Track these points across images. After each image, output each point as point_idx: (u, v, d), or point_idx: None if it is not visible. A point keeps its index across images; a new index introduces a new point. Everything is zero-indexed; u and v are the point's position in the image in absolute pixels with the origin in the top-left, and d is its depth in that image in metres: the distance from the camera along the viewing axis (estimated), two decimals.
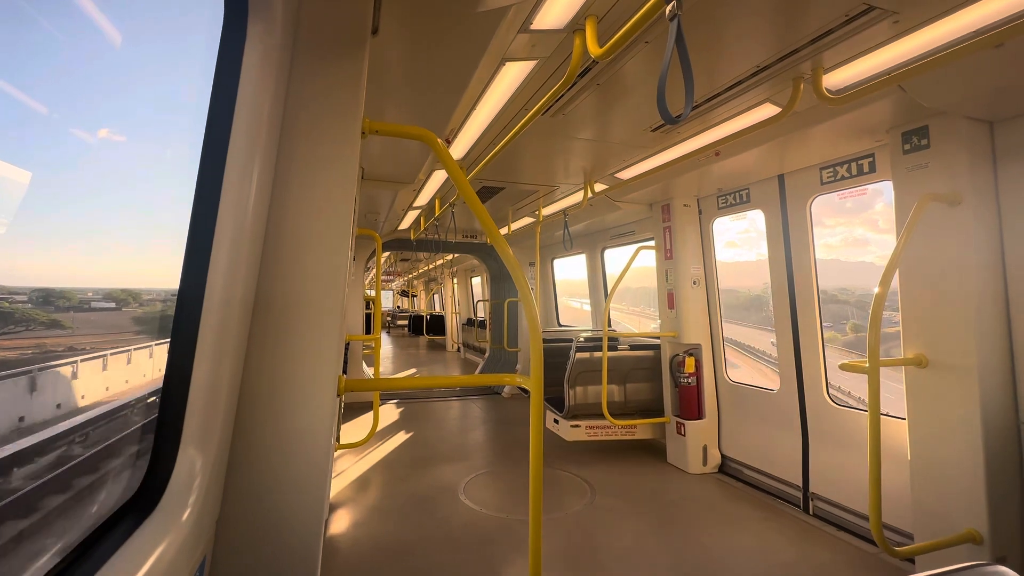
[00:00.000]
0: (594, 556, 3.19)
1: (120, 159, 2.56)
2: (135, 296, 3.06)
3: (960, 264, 2.64)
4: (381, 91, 2.68)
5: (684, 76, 1.43)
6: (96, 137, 2.21)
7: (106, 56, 1.77)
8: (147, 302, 3.06)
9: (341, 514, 3.74)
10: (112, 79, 1.90)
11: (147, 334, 3.62)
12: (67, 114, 1.83)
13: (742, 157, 3.58)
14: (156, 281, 3.01)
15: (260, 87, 1.31)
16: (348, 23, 1.53)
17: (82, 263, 2.45)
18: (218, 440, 1.26)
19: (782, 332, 4.05)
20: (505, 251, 1.68)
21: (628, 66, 2.48)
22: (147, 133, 2.22)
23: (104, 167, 2.32)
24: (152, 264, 2.47)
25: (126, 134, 2.28)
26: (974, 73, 2.27)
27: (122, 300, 3.04)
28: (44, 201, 1.57)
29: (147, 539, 0.99)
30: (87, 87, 1.92)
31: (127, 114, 2.20)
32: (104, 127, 2.23)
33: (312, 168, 1.49)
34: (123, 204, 2.42)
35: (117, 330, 3.56)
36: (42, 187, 1.48)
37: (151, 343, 4.11)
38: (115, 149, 2.39)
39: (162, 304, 3.04)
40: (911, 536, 2.89)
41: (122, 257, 2.66)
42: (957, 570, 0.71)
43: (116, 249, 2.64)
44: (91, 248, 2.51)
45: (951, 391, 2.66)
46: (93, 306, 2.89)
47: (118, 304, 3.02)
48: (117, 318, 3.10)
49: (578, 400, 5.14)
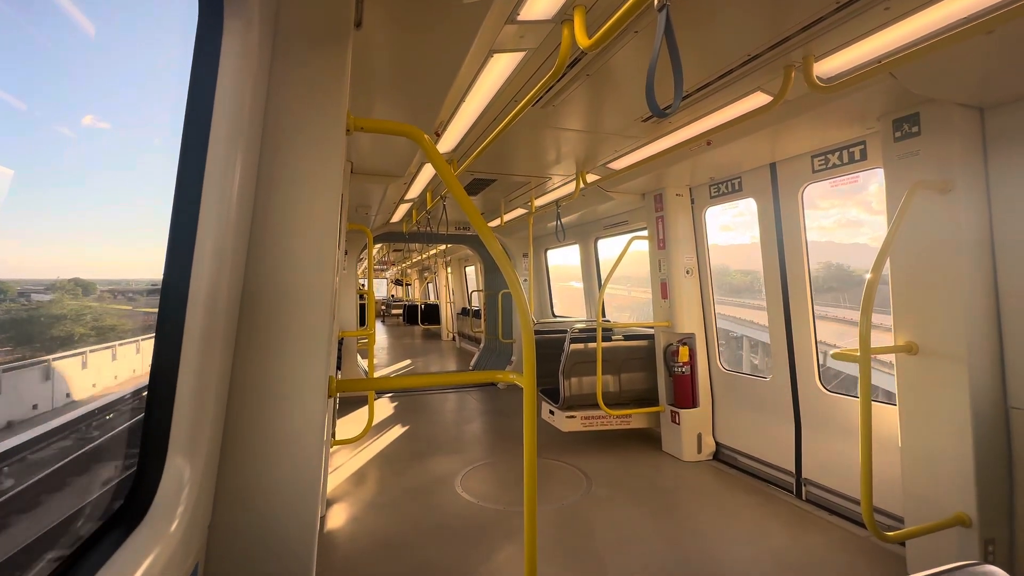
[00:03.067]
0: (591, 545, 3.22)
1: (93, 154, 2.46)
2: (88, 287, 2.77)
3: (950, 251, 2.65)
4: (368, 85, 2.64)
5: (673, 68, 1.41)
6: (73, 131, 2.14)
7: (81, 51, 1.72)
8: (101, 296, 2.78)
9: (338, 509, 3.75)
10: (88, 76, 1.85)
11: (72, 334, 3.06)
12: (39, 113, 1.78)
13: (734, 146, 3.56)
14: (119, 272, 2.76)
15: (240, 84, 1.27)
16: (330, 17, 1.50)
17: (33, 253, 2.19)
18: (207, 447, 1.24)
19: (774, 320, 4.07)
20: (492, 245, 1.66)
21: (618, 56, 2.45)
22: (124, 133, 2.16)
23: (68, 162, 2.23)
24: (119, 254, 2.30)
25: (104, 127, 2.20)
26: (965, 60, 2.26)
27: (71, 291, 2.69)
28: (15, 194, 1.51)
29: (135, 552, 0.97)
30: (59, 85, 1.86)
31: (104, 110, 2.14)
32: (79, 120, 2.16)
33: (297, 165, 1.46)
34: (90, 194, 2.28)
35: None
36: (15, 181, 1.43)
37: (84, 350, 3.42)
38: (91, 142, 2.30)
39: (111, 296, 2.76)
40: (902, 520, 2.94)
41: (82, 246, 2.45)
42: (948, 570, 0.72)
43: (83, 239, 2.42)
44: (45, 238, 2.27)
45: (941, 378, 2.69)
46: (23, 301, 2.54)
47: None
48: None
49: (573, 391, 5.16)
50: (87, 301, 2.81)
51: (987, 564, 0.71)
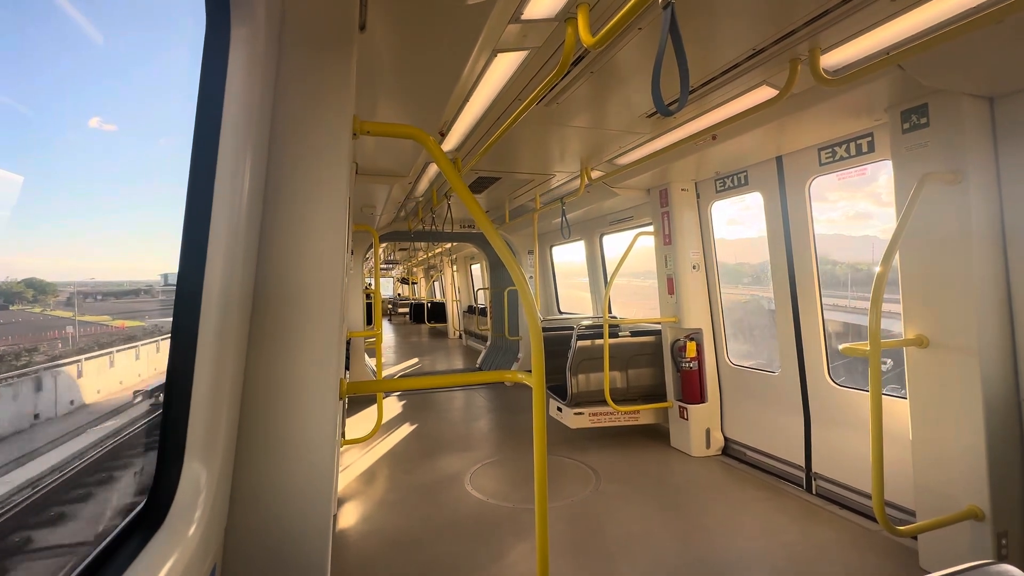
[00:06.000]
0: (601, 542, 3.23)
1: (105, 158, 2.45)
2: (44, 289, 2.68)
3: (960, 244, 2.62)
4: (373, 87, 2.65)
5: (679, 66, 1.41)
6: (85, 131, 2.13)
7: (91, 57, 1.73)
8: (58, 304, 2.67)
9: (349, 508, 3.78)
10: (97, 80, 1.85)
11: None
12: (48, 119, 1.78)
13: (739, 140, 3.54)
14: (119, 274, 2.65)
15: (247, 91, 1.29)
16: (334, 22, 1.50)
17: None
18: (222, 450, 1.26)
19: (782, 314, 4.05)
20: (497, 242, 1.66)
21: (622, 53, 2.44)
22: (134, 139, 2.16)
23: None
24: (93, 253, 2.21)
25: (115, 131, 2.20)
26: (974, 50, 2.23)
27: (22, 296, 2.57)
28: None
29: (156, 557, 0.99)
30: (66, 88, 1.86)
31: (116, 114, 2.14)
32: (91, 121, 2.16)
33: (305, 170, 1.48)
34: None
35: None
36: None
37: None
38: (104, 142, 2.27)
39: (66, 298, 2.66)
40: (913, 514, 2.93)
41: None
42: (963, 570, 0.72)
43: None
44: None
45: (952, 371, 2.67)
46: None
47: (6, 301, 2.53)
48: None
49: (581, 388, 5.16)
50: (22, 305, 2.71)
51: (1002, 563, 0.71)
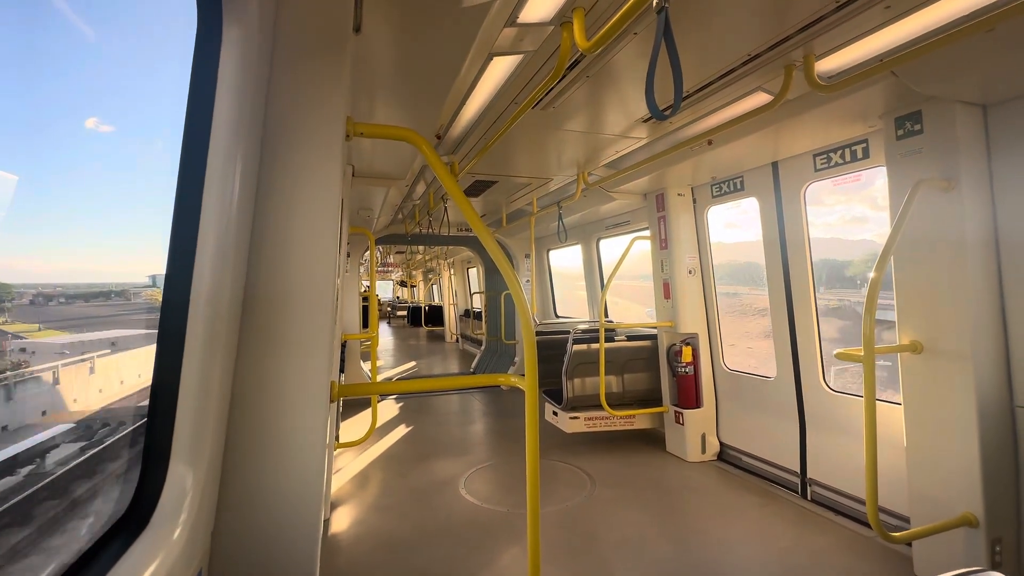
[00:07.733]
0: (595, 547, 3.21)
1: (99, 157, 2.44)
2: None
3: (954, 250, 2.63)
4: (369, 89, 2.64)
5: (672, 71, 1.41)
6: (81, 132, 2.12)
7: (83, 58, 1.72)
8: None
9: (342, 512, 3.75)
10: (89, 81, 1.84)
11: None
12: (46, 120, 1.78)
13: (735, 145, 3.55)
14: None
15: (239, 91, 1.28)
16: (328, 23, 1.50)
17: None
18: (209, 453, 1.24)
19: (778, 319, 4.05)
20: (491, 245, 1.65)
21: (618, 58, 2.44)
22: (125, 142, 2.15)
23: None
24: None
25: (106, 130, 2.19)
26: (967, 57, 2.24)
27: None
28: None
29: (138, 560, 0.98)
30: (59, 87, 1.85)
31: (108, 114, 2.13)
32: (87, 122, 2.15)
33: (296, 171, 1.47)
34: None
35: None
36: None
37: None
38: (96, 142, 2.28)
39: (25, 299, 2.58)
40: (908, 520, 2.92)
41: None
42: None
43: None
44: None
45: (946, 377, 2.67)
46: None
47: None
48: None
49: (576, 392, 5.15)
50: None
51: (992, 571, 0.71)
